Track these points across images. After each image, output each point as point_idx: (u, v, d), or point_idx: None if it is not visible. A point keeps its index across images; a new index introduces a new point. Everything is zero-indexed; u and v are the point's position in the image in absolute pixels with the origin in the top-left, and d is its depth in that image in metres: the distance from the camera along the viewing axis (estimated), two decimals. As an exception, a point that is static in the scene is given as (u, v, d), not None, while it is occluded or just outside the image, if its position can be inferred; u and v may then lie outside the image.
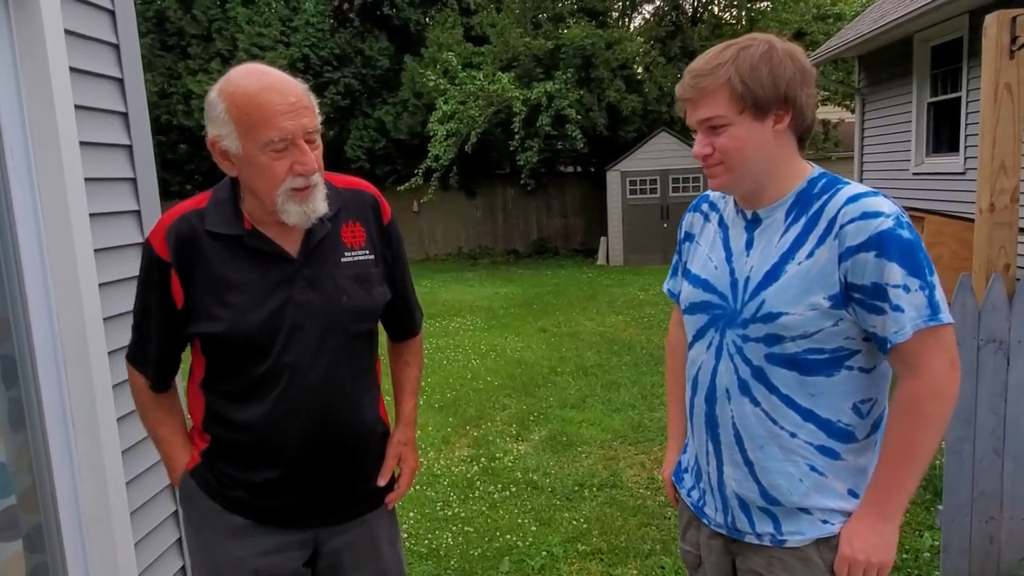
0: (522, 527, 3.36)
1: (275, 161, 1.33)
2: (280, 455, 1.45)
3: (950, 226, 5.39)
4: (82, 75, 2.18)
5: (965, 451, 2.52)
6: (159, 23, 15.44)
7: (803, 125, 1.29)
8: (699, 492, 1.47)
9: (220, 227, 1.41)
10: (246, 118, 1.31)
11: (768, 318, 1.26)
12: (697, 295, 1.41)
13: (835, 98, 13.84)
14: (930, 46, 7.81)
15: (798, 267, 1.25)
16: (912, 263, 1.19)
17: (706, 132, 1.29)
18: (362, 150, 15.35)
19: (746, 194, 1.34)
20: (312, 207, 1.39)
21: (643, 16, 15.62)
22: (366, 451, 1.56)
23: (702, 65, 1.27)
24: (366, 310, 1.49)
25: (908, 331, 1.19)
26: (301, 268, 1.43)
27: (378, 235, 1.54)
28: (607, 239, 13.95)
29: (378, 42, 15.32)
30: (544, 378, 5.97)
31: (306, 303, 1.41)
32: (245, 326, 1.38)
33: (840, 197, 1.24)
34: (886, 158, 9.01)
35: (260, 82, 1.33)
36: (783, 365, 1.28)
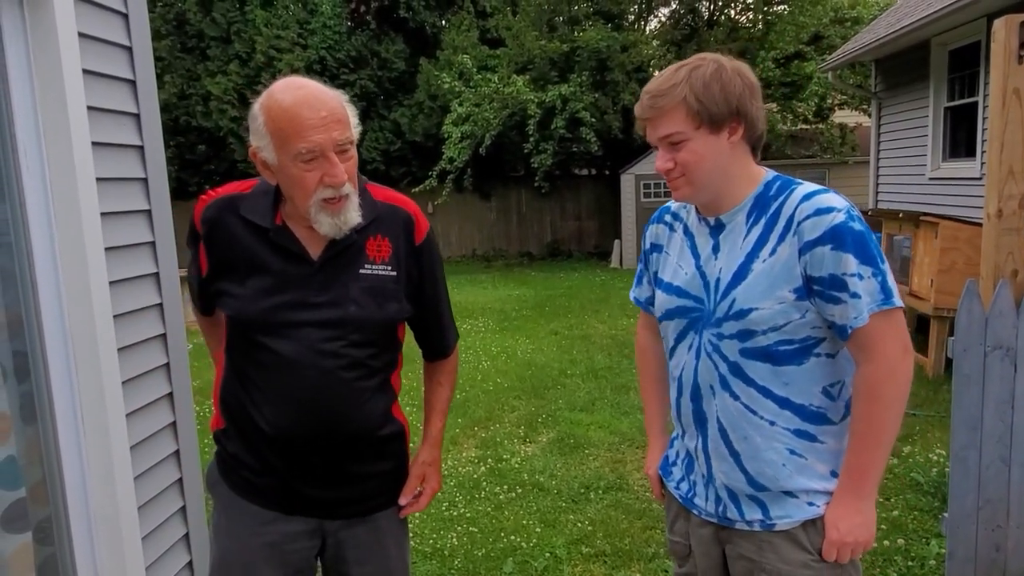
0: (527, 528, 3.37)
1: (306, 172, 1.39)
2: (275, 441, 1.50)
3: (964, 232, 5.33)
4: (95, 77, 2.22)
5: (971, 459, 2.50)
6: (179, 25, 15.63)
7: (755, 135, 1.39)
8: (688, 484, 1.52)
9: (253, 216, 1.49)
10: (280, 131, 1.38)
11: (740, 315, 1.35)
12: (672, 301, 1.48)
13: (852, 102, 13.72)
14: (948, 50, 7.74)
15: (763, 264, 1.34)
16: (865, 252, 1.29)
17: (667, 148, 1.37)
18: (377, 152, 15.43)
19: (707, 203, 1.43)
20: (344, 219, 1.44)
21: (659, 19, 15.60)
22: (366, 447, 1.57)
23: (658, 86, 1.36)
24: (374, 323, 1.50)
25: (865, 315, 1.28)
26: (317, 272, 1.48)
27: (407, 253, 1.56)
28: (620, 242, 13.93)
29: (394, 44, 15.41)
30: (554, 380, 5.98)
31: (314, 305, 1.46)
32: (251, 313, 1.46)
33: (795, 196, 1.35)
34: (902, 163, 8.93)
35: (295, 96, 1.39)
36: (757, 358, 1.37)
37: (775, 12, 14.34)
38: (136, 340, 2.24)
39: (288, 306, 1.46)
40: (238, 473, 1.58)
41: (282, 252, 1.48)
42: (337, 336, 1.47)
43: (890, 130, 9.34)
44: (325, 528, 1.59)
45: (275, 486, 1.55)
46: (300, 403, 1.47)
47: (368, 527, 1.61)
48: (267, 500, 1.56)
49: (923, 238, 5.80)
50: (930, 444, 4.13)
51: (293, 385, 1.46)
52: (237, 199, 1.52)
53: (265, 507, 1.56)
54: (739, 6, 14.85)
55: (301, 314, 1.46)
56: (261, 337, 1.46)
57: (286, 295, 1.46)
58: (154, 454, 2.33)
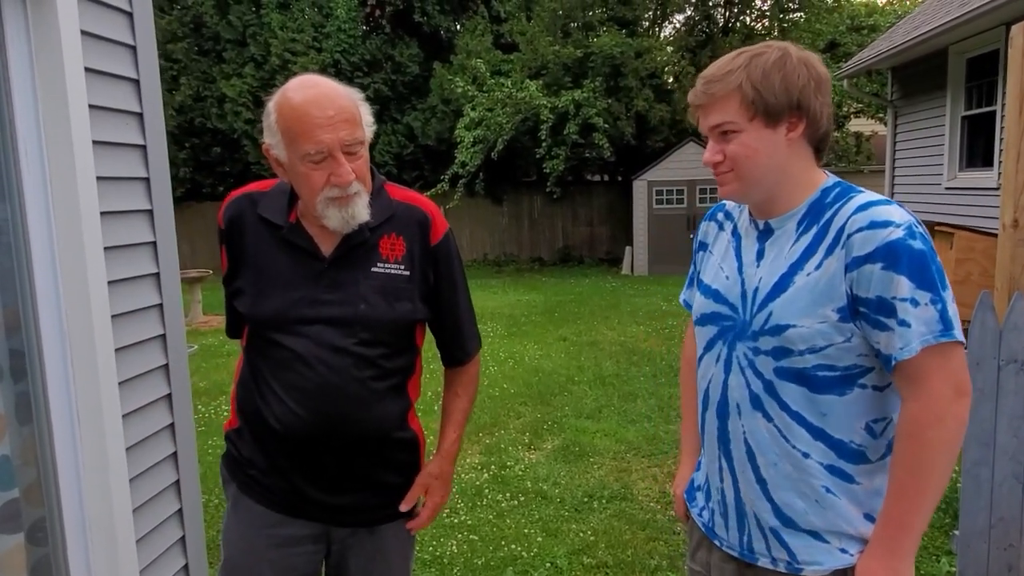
0: (528, 537, 3.33)
1: (313, 172, 1.40)
2: (285, 440, 1.50)
3: (980, 242, 5.24)
4: (98, 75, 2.21)
5: (983, 475, 2.43)
6: (196, 28, 15.76)
7: (818, 134, 1.27)
8: (709, 512, 1.43)
9: (269, 214, 1.52)
10: (289, 130, 1.39)
11: (776, 330, 1.23)
12: (708, 306, 1.38)
13: (868, 110, 13.61)
14: (965, 58, 7.65)
15: (807, 278, 1.22)
16: (923, 275, 1.14)
17: (717, 139, 1.28)
18: (390, 155, 15.47)
19: (757, 203, 1.32)
20: (352, 212, 1.43)
21: (674, 25, 15.55)
22: (375, 450, 1.54)
23: (714, 71, 1.26)
24: (385, 322, 1.49)
25: (915, 347, 1.14)
26: (328, 269, 1.48)
27: (421, 253, 1.54)
28: (632, 249, 13.87)
29: (408, 48, 15.45)
30: (561, 387, 5.93)
31: (324, 302, 1.47)
32: (262, 310, 1.48)
33: (850, 206, 1.21)
34: (918, 172, 8.83)
35: (305, 95, 1.39)
36: (791, 380, 1.24)
37: (791, 19, 14.27)
38: (135, 340, 2.23)
39: (299, 303, 1.47)
40: (246, 472, 1.58)
41: (294, 249, 1.49)
42: (347, 334, 1.47)
43: (906, 139, 9.23)
44: (332, 535, 1.59)
45: (282, 487, 1.55)
46: (310, 399, 1.47)
47: (374, 539, 1.60)
48: (273, 501, 1.56)
49: (938, 248, 5.67)
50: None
51: (304, 382, 1.46)
52: (257, 196, 1.55)
53: (271, 508, 1.56)
54: (754, 13, 14.79)
55: (312, 311, 1.47)
56: (273, 334, 1.48)
57: (297, 292, 1.47)
58: (151, 456, 2.31)
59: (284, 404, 1.48)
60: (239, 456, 1.60)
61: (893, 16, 13.85)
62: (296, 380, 1.47)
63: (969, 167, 7.77)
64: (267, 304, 1.49)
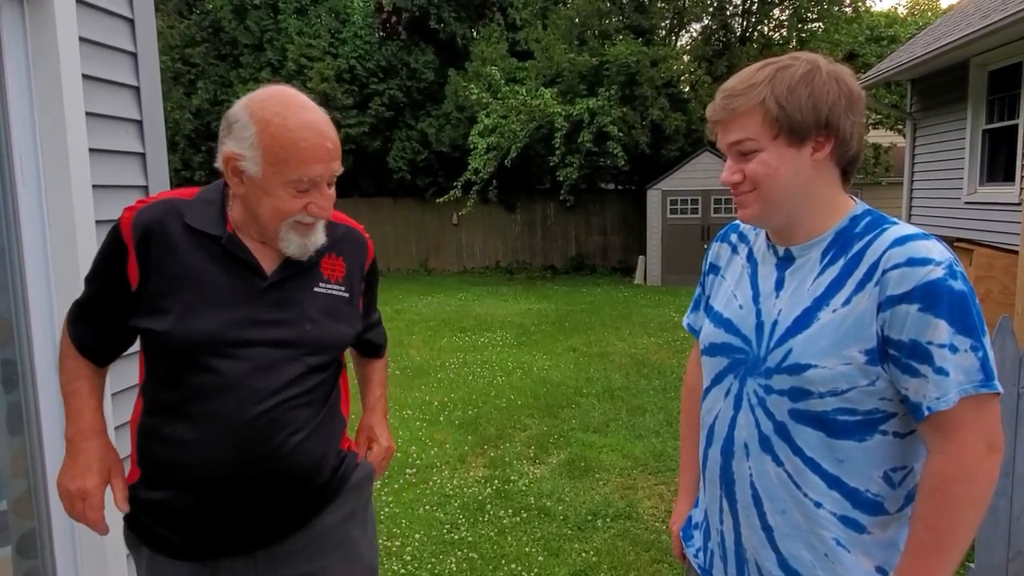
0: (529, 556, 3.26)
1: (292, 198, 1.32)
2: (207, 484, 1.33)
3: (1001, 260, 5.12)
4: (97, 83, 2.19)
5: (1001, 507, 2.34)
6: (214, 32, 15.89)
7: (847, 155, 1.17)
8: (707, 554, 1.34)
9: (200, 223, 1.36)
10: (278, 151, 1.29)
11: (794, 369, 1.14)
12: (718, 336, 1.29)
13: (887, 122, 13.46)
14: (987, 71, 7.52)
15: (832, 315, 1.12)
16: (964, 320, 1.05)
17: (736, 157, 1.19)
18: (404, 161, 15.49)
19: (778, 228, 1.23)
20: (313, 240, 1.38)
21: (690, 34, 15.47)
22: (309, 487, 1.43)
23: (736, 84, 1.17)
24: (329, 343, 1.43)
25: (953, 398, 1.05)
26: (271, 288, 1.38)
27: (358, 276, 1.53)
28: (645, 258, 13.77)
29: (424, 55, 15.48)
30: (569, 399, 5.86)
31: (267, 323, 1.36)
32: (191, 330, 1.31)
33: (885, 239, 1.11)
34: (937, 185, 8.69)
35: (301, 120, 1.30)
36: (808, 424, 1.15)
37: (809, 29, 14.15)
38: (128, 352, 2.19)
39: (238, 323, 1.33)
40: (155, 532, 1.40)
41: (234, 264, 1.36)
42: (292, 357, 1.36)
43: (925, 151, 9.10)
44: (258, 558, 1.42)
45: (202, 534, 1.38)
46: (241, 434, 1.31)
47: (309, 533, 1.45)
48: (195, 552, 1.39)
49: (957, 265, 5.59)
50: (959, 482, 3.93)
51: (234, 413, 1.31)
52: (179, 205, 1.38)
53: (194, 559, 1.39)
54: (772, 23, 14.68)
55: (252, 332, 1.34)
56: (203, 357, 1.31)
57: (237, 310, 1.34)
58: (142, 468, 2.26)
59: (205, 442, 1.31)
60: (145, 514, 1.41)
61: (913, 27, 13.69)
62: (222, 410, 1.30)
63: (990, 181, 7.63)
64: (198, 323, 1.31)
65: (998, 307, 4.88)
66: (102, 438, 1.46)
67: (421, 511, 3.76)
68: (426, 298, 11.97)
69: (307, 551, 1.45)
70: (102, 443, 1.45)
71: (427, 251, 16.64)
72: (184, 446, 1.33)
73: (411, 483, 4.16)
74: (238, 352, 1.32)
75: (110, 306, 1.39)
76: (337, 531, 1.48)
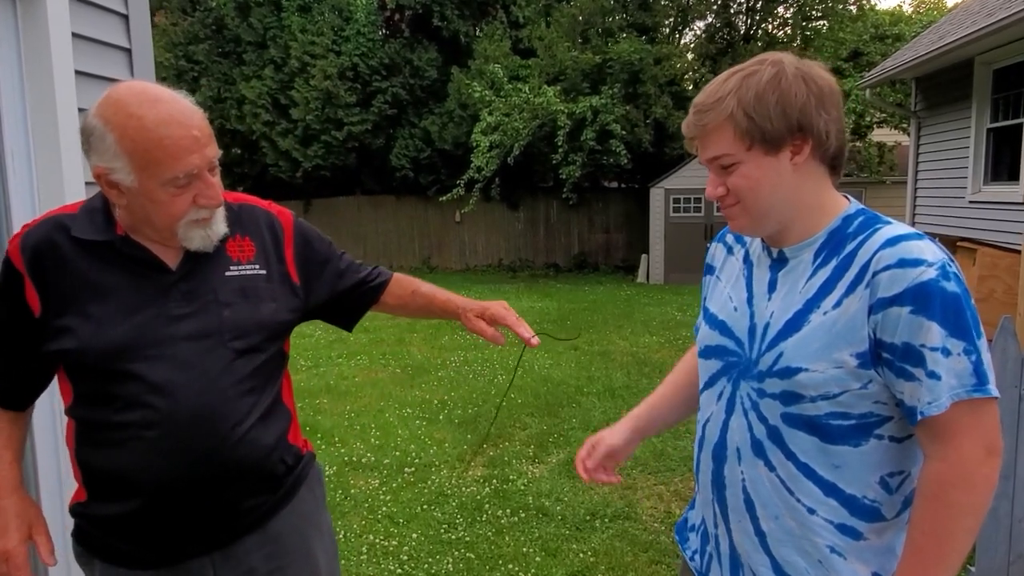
0: (527, 557, 3.24)
1: (176, 197, 1.26)
2: (152, 492, 1.28)
3: (1005, 259, 5.08)
4: (90, 79, 2.17)
5: (1002, 509, 2.31)
6: (217, 30, 15.88)
7: (829, 153, 1.15)
8: (704, 557, 1.32)
9: (89, 233, 1.29)
10: (143, 154, 1.21)
11: (785, 373, 1.12)
12: (713, 338, 1.27)
13: (892, 120, 13.39)
14: (992, 69, 7.47)
15: (823, 317, 1.10)
16: (957, 322, 1.02)
17: (718, 171, 1.17)
18: (407, 159, 15.48)
19: (772, 235, 1.21)
20: (215, 230, 1.34)
21: (694, 32, 15.41)
22: (260, 478, 1.38)
23: (704, 99, 1.15)
24: (252, 325, 1.36)
25: (945, 402, 1.03)
26: (178, 281, 1.32)
27: (274, 250, 1.46)
28: (648, 257, 13.74)
29: (427, 53, 15.46)
30: (569, 398, 5.84)
31: (181, 317, 1.30)
32: (105, 340, 1.25)
33: (877, 239, 1.08)
34: (941, 184, 8.64)
35: (156, 114, 1.22)
36: (801, 428, 1.12)
37: (814, 27, 14.08)
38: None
39: (152, 323, 1.28)
40: (107, 544, 1.35)
41: (133, 264, 1.30)
42: (215, 346, 1.31)
43: (929, 150, 9.05)
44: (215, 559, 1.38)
45: (158, 539, 1.33)
46: (176, 435, 1.27)
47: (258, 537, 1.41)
48: (152, 558, 1.35)
49: (960, 264, 5.54)
50: (960, 484, 3.90)
51: (166, 415, 1.26)
52: (64, 220, 1.32)
53: (150, 567, 1.35)
54: (777, 21, 14.60)
55: (169, 329, 1.29)
56: (123, 365, 1.25)
57: (147, 311, 1.28)
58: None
59: (146, 449, 1.27)
60: (94, 529, 1.36)
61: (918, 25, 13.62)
62: (153, 416, 1.26)
63: (994, 180, 7.58)
64: (111, 332, 1.25)
65: (1002, 307, 4.84)
66: (17, 493, 1.38)
67: (419, 510, 3.75)
68: (428, 296, 11.94)
69: (264, 551, 1.41)
70: (18, 499, 1.38)
71: (430, 249, 16.63)
72: (125, 458, 1.28)
73: (409, 482, 4.15)
74: (159, 352, 1.27)
75: (16, 339, 1.32)
76: (295, 532, 1.45)
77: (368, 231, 16.72)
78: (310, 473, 1.52)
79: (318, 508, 1.54)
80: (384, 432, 5.07)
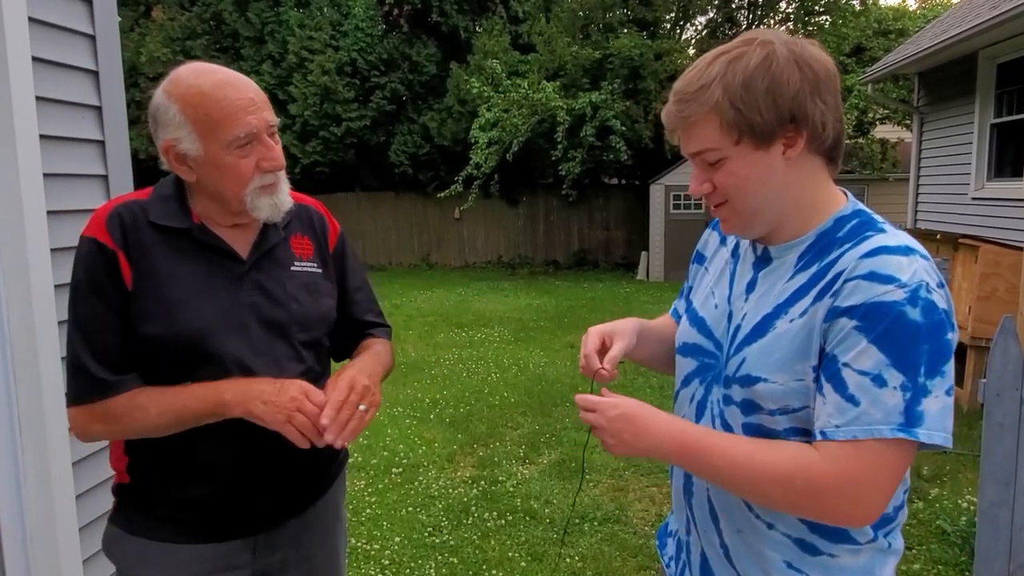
0: (512, 562, 3.15)
1: (240, 159, 1.30)
2: (217, 467, 1.34)
3: (1007, 257, 4.97)
4: (49, 66, 2.08)
5: (1002, 517, 2.22)
6: (215, 25, 15.79)
7: (825, 144, 1.03)
8: (679, 564, 1.26)
9: (166, 220, 1.34)
10: (205, 117, 1.27)
11: (746, 381, 1.04)
12: (691, 335, 1.19)
13: (895, 116, 13.26)
14: (996, 63, 7.35)
15: (788, 325, 1.01)
16: (904, 353, 0.91)
17: (702, 167, 1.06)
18: (406, 155, 15.38)
19: (765, 234, 1.11)
20: (282, 198, 1.37)
21: (695, 28, 15.29)
22: (316, 465, 1.46)
23: (685, 86, 1.04)
24: (315, 319, 1.44)
25: (856, 432, 0.92)
26: (250, 270, 1.38)
27: (324, 251, 1.53)
28: (648, 254, 13.64)
29: (426, 48, 15.35)
30: (563, 397, 5.75)
31: (253, 305, 1.36)
32: (185, 326, 1.29)
33: (861, 248, 0.98)
34: (944, 181, 8.52)
35: (213, 79, 1.30)
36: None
37: (816, 22, 13.95)
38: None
39: (227, 310, 1.33)
40: (154, 517, 1.36)
41: (209, 252, 1.36)
42: (283, 336, 1.38)
43: (932, 146, 8.93)
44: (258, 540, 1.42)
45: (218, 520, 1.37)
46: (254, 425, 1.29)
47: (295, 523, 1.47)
48: (202, 535, 1.37)
49: (962, 262, 5.45)
50: (960, 488, 3.80)
51: None
52: (138, 206, 1.36)
53: (202, 540, 1.37)
54: (779, 16, 14.47)
55: (242, 315, 1.34)
56: (206, 347, 1.29)
57: (222, 298, 1.33)
58: (99, 472, 2.18)
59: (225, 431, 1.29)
60: (141, 507, 1.38)
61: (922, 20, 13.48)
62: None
63: (998, 176, 7.46)
64: (191, 316, 1.30)
65: (1004, 305, 4.74)
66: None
67: (404, 513, 3.66)
68: (426, 293, 11.88)
69: (298, 538, 1.47)
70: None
71: (429, 246, 16.53)
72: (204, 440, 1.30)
73: (396, 483, 4.06)
74: (235, 338, 1.32)
75: (116, 319, 1.30)
76: (322, 522, 1.51)
77: (367, 228, 16.62)
78: (343, 468, 1.61)
79: (342, 502, 1.63)
80: (373, 431, 4.99)
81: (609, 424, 1.06)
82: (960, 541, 3.17)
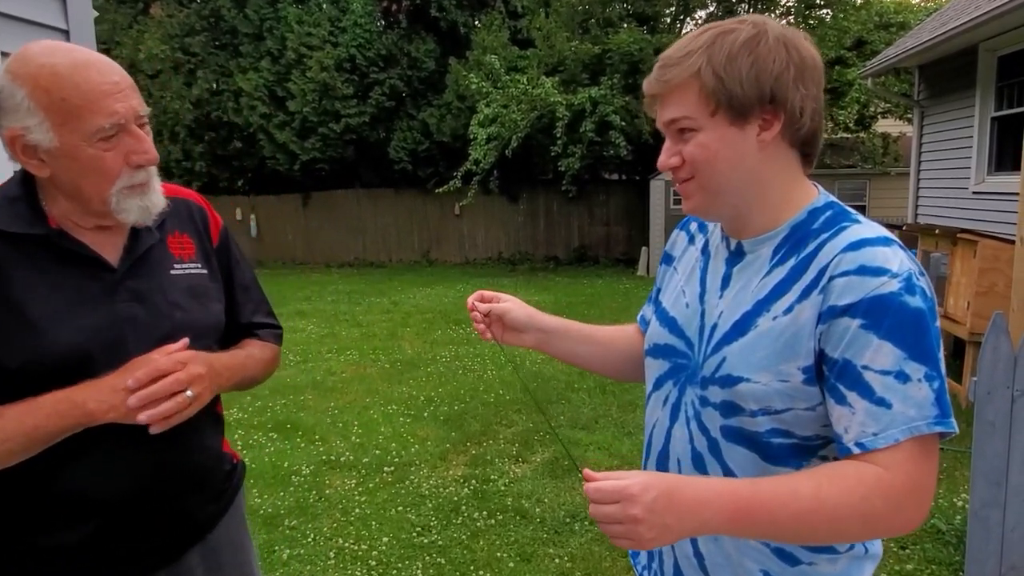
0: (500, 562, 3.12)
1: (105, 153, 1.12)
2: (109, 503, 1.17)
3: (1006, 251, 4.91)
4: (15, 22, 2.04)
5: (993, 518, 2.18)
6: (214, 22, 15.76)
7: (800, 134, 1.01)
8: (651, 573, 1.22)
9: (16, 226, 1.13)
10: (60, 103, 1.08)
11: (726, 381, 1.01)
12: (661, 336, 1.16)
13: (896, 110, 13.18)
14: (996, 56, 7.27)
15: (772, 323, 0.98)
16: (918, 343, 0.89)
17: (674, 137, 1.03)
18: (405, 151, 15.34)
19: (727, 220, 1.09)
20: (153, 200, 1.20)
21: (695, 22, 15.18)
22: (210, 489, 1.35)
23: (671, 53, 1.02)
24: (203, 327, 1.27)
25: (898, 435, 0.89)
26: (124, 279, 1.20)
27: (210, 251, 1.37)
28: (648, 250, 13.58)
29: (425, 44, 15.29)
30: (559, 394, 5.71)
31: (132, 319, 1.19)
32: (51, 349, 1.10)
33: (840, 240, 0.96)
34: (944, 175, 8.45)
35: (71, 59, 1.10)
36: (741, 443, 1.01)
37: (817, 16, 13.85)
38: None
39: (102, 327, 1.15)
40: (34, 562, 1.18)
41: (72, 262, 1.16)
42: None
43: (932, 140, 8.85)
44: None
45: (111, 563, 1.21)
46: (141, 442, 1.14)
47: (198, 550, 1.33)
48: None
49: (961, 256, 5.39)
50: (956, 486, 3.75)
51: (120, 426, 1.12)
52: None
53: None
54: (779, 10, 14.38)
55: (117, 332, 1.16)
56: (78, 375, 1.11)
57: (95, 314, 1.16)
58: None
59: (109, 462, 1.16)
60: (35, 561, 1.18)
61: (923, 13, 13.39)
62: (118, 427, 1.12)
63: (999, 170, 7.38)
64: (53, 338, 1.10)
65: (1003, 301, 4.68)
66: None
67: (393, 512, 3.63)
68: (425, 290, 11.84)
69: (205, 564, 1.35)
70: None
71: (429, 242, 16.50)
72: (84, 474, 1.15)
73: (387, 482, 4.03)
74: (112, 358, 1.14)
75: None
76: (231, 544, 1.41)
77: (367, 224, 16.60)
78: (242, 482, 1.49)
79: (244, 518, 1.51)
80: (366, 429, 4.96)
81: (648, 514, 0.87)
82: (955, 540, 3.13)
